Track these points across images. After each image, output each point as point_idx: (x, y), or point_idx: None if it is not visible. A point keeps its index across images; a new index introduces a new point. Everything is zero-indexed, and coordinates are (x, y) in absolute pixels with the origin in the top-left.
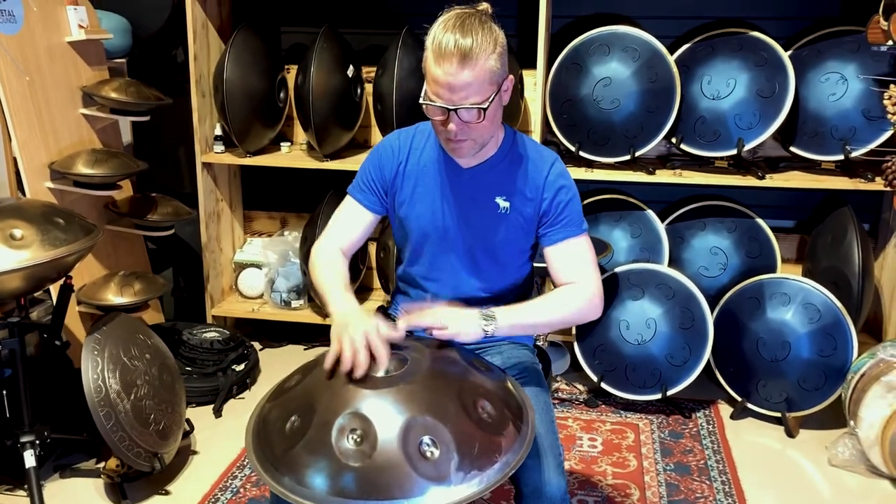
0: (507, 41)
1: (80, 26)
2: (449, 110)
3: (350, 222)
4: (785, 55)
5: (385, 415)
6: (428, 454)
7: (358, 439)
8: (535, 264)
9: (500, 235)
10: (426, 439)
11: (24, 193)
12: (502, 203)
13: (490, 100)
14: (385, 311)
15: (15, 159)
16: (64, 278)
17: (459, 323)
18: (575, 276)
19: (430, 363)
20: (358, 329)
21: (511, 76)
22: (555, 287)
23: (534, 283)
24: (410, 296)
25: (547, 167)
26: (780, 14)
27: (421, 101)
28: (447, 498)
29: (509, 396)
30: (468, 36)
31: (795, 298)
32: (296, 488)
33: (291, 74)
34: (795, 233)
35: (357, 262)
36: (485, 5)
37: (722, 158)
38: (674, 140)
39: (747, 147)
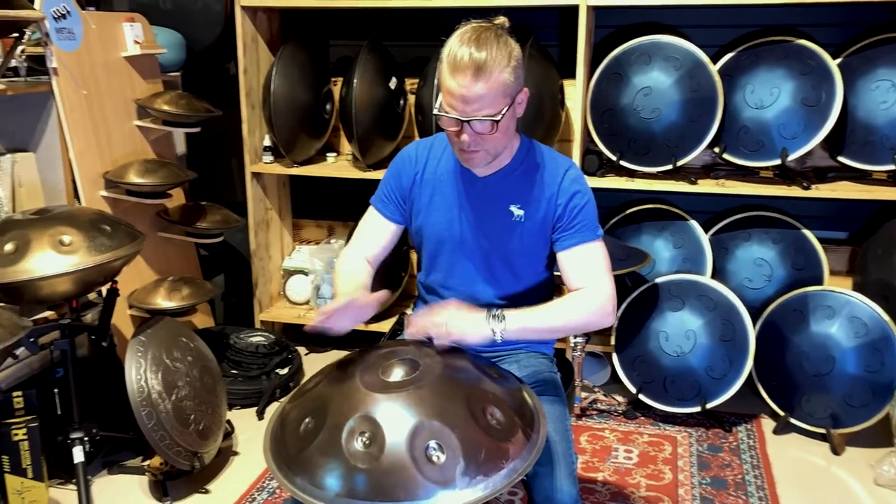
0: (548, 51)
1: (136, 42)
2: (462, 122)
3: (372, 232)
4: (832, 63)
5: (394, 418)
6: (434, 458)
7: (367, 442)
8: (557, 273)
9: (515, 243)
10: (432, 444)
11: (79, 201)
12: (517, 211)
13: (503, 112)
14: (405, 317)
15: (72, 169)
16: (110, 282)
17: (463, 324)
18: (587, 282)
19: (441, 369)
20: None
21: (526, 89)
22: (568, 292)
23: (553, 292)
24: (428, 303)
25: (561, 173)
26: (829, 21)
27: (435, 111)
28: (452, 502)
29: (521, 404)
30: (483, 49)
31: (840, 312)
32: (307, 488)
33: (338, 87)
34: (847, 244)
35: (399, 271)
36: (502, 19)
37: (766, 168)
38: (716, 150)
39: (791, 157)
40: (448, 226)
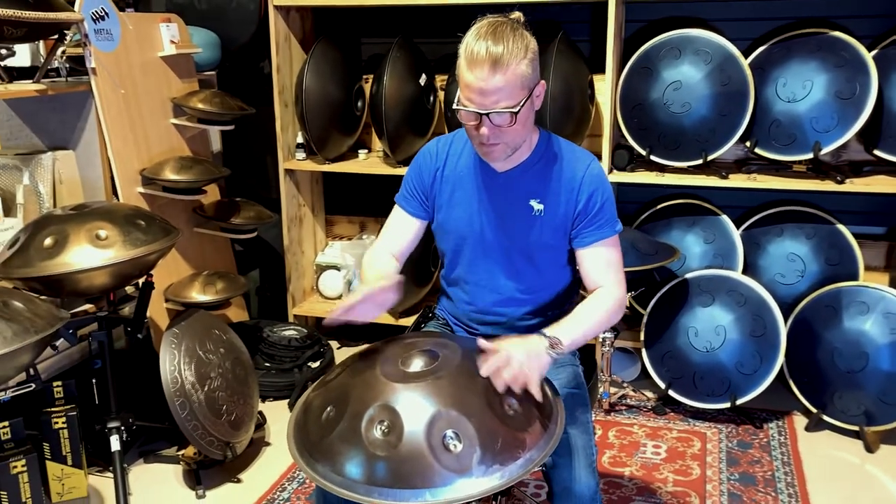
0: (578, 46)
1: (172, 42)
2: (481, 115)
3: (397, 230)
4: (867, 55)
5: (412, 408)
6: (451, 447)
7: (386, 430)
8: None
9: (535, 238)
10: (450, 432)
11: (118, 198)
12: (536, 206)
13: (521, 104)
14: (429, 310)
15: (111, 166)
16: (146, 275)
17: (535, 364)
18: (605, 279)
19: (460, 360)
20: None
21: (543, 81)
22: (587, 288)
23: (577, 285)
24: (451, 297)
25: (583, 168)
26: (865, 13)
27: (454, 106)
28: (468, 489)
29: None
30: (499, 43)
31: (875, 308)
32: (328, 475)
33: (370, 84)
34: (885, 240)
35: (428, 266)
36: (517, 14)
37: (799, 162)
38: (747, 144)
39: (825, 150)
40: (469, 221)
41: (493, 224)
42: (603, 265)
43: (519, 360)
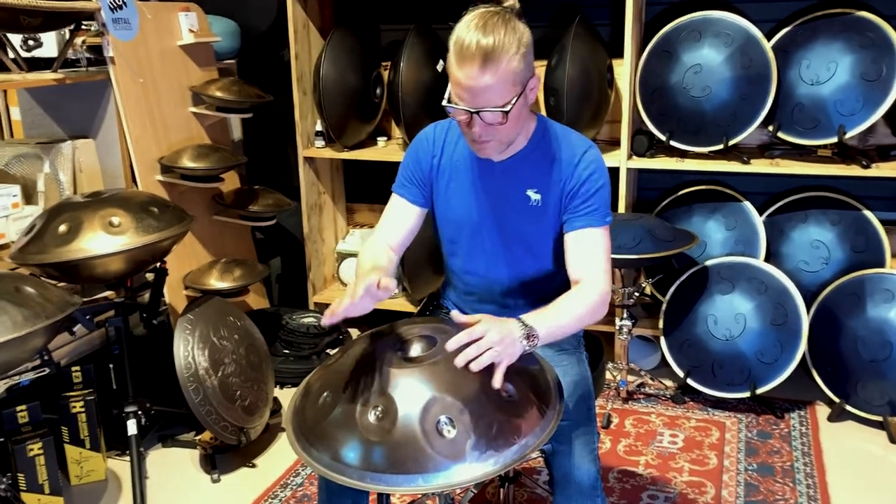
0: (597, 30)
1: (191, 31)
2: (472, 113)
3: (395, 219)
4: (895, 35)
5: (407, 393)
6: (445, 432)
7: (380, 415)
8: None
9: (533, 228)
10: (443, 418)
11: (137, 185)
12: (533, 196)
13: (512, 102)
14: (434, 298)
15: (130, 154)
16: (159, 262)
17: (508, 349)
18: (587, 271)
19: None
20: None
21: (536, 75)
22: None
23: None
24: (455, 287)
25: (579, 154)
26: None
27: (444, 103)
28: (461, 475)
29: (538, 382)
30: (490, 36)
31: None
32: (323, 459)
33: (388, 71)
34: None
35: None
36: (511, 1)
37: (824, 146)
38: (770, 128)
39: (849, 134)
40: (466, 211)
41: (490, 214)
42: (589, 253)
43: (490, 340)
